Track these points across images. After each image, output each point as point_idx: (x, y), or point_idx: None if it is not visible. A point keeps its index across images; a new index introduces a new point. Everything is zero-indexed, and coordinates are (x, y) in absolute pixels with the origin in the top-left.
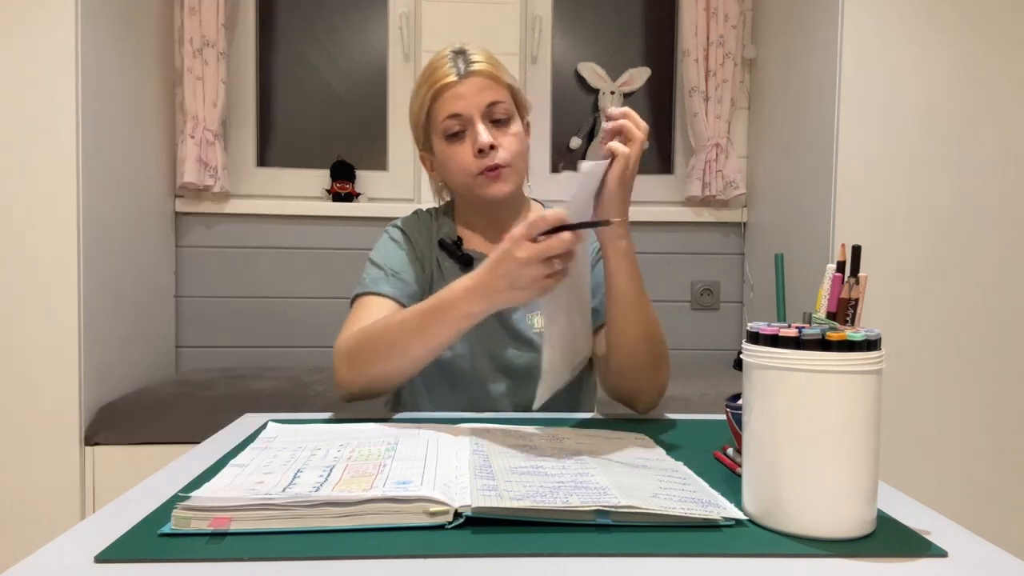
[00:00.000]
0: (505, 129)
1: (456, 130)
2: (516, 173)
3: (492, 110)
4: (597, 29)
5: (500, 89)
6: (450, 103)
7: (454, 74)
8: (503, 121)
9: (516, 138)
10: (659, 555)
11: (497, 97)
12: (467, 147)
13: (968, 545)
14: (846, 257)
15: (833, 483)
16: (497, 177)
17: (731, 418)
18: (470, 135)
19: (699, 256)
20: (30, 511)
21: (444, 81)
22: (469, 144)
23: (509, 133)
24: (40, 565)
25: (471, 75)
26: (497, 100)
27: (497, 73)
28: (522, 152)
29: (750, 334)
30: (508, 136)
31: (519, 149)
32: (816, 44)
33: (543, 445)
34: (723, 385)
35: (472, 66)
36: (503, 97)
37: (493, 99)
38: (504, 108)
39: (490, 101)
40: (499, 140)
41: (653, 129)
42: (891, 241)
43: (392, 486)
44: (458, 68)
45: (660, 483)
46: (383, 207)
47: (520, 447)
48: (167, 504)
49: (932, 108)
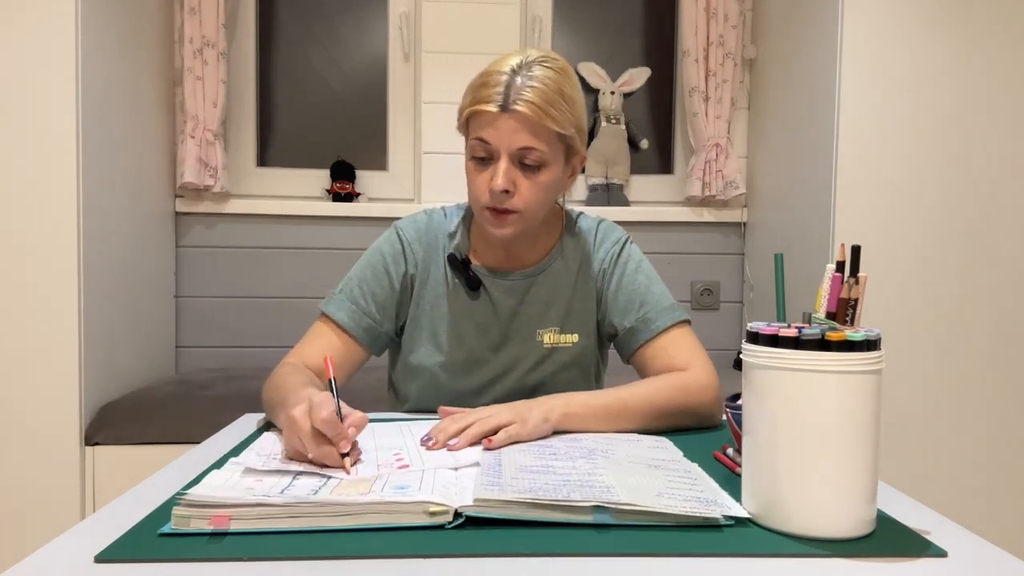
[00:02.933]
0: (532, 175)
1: (482, 156)
2: (526, 220)
3: (523, 154)
4: (597, 29)
5: (539, 136)
6: (483, 129)
7: (497, 104)
8: (532, 167)
9: (539, 188)
10: (659, 555)
11: (532, 144)
12: (486, 176)
13: (968, 545)
14: (846, 257)
15: (833, 483)
16: (503, 221)
17: (731, 418)
18: (492, 167)
19: (699, 256)
20: (30, 511)
21: (484, 108)
22: (489, 174)
23: (535, 180)
24: (40, 565)
25: (513, 113)
26: (531, 147)
27: (541, 119)
28: (542, 200)
29: (750, 334)
30: (531, 183)
31: (539, 197)
32: (816, 44)
33: (558, 445)
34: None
35: (517, 104)
36: (540, 145)
37: (527, 145)
38: (537, 156)
39: (523, 146)
40: (519, 185)
41: (653, 129)
42: (891, 241)
43: (390, 491)
44: (505, 96)
45: (668, 482)
46: (383, 207)
47: (535, 445)
48: (167, 504)
49: (932, 108)
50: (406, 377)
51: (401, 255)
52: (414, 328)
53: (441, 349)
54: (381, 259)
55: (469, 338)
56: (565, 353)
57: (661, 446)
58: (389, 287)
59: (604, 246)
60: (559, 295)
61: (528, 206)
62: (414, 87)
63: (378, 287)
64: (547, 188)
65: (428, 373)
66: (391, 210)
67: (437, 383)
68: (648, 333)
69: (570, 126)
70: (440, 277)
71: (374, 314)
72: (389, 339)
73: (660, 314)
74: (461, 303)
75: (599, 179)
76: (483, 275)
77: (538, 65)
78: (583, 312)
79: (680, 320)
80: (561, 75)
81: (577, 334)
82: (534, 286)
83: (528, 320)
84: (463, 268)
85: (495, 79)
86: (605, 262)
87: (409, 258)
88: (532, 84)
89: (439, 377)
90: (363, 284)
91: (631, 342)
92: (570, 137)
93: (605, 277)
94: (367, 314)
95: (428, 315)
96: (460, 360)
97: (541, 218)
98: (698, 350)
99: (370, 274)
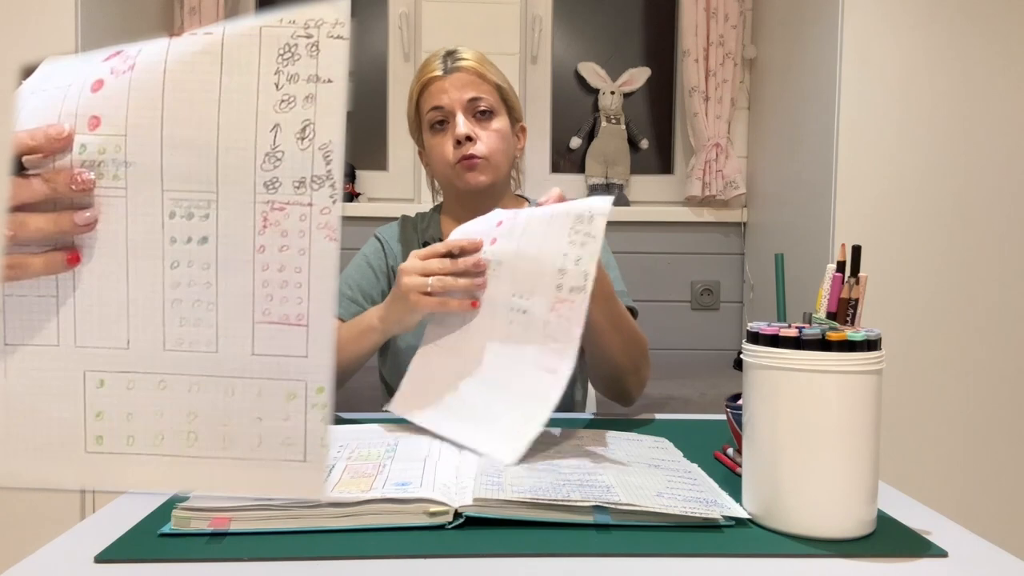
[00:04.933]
0: (487, 124)
1: (439, 120)
2: (493, 167)
3: (474, 104)
4: (597, 29)
5: (485, 85)
6: (435, 96)
7: (440, 70)
8: (486, 115)
9: (497, 133)
10: (659, 555)
11: (480, 92)
12: (448, 138)
13: (968, 545)
14: (846, 257)
15: (833, 483)
16: (472, 167)
17: (731, 418)
18: (451, 127)
19: (699, 256)
20: (30, 511)
21: (430, 75)
22: (451, 135)
23: (490, 128)
24: (40, 565)
25: (456, 71)
26: (478, 96)
27: (482, 70)
28: (502, 148)
29: (750, 334)
30: (488, 130)
31: (498, 144)
32: (816, 44)
33: (559, 443)
34: (723, 385)
35: (458, 63)
36: (487, 93)
37: (475, 94)
38: (487, 103)
39: (472, 96)
40: (478, 133)
41: (653, 129)
42: (891, 241)
43: (391, 487)
44: (445, 64)
45: (668, 482)
46: (383, 207)
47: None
48: (167, 504)
49: (932, 107)
50: (393, 367)
51: (381, 251)
52: None
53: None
54: (363, 257)
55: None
56: None
57: (661, 446)
58: (374, 277)
59: None
60: None
61: (491, 151)
62: None
63: (363, 279)
64: (503, 136)
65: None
66: (391, 210)
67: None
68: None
69: (505, 82)
70: None
71: (362, 301)
72: None
73: None
74: None
75: (599, 179)
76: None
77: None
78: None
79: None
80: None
81: None
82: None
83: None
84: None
85: (432, 59)
86: None
87: (389, 253)
88: (463, 53)
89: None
90: (348, 280)
91: None
92: (506, 91)
93: None
94: (354, 302)
95: None
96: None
97: (505, 170)
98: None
99: (354, 271)
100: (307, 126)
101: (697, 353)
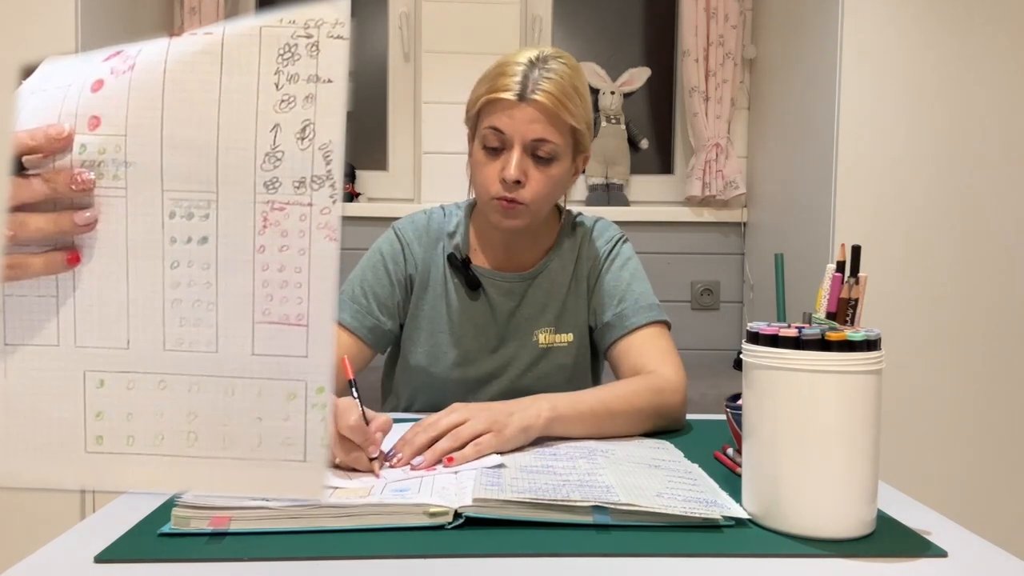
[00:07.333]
0: (544, 168)
1: (495, 145)
2: (533, 213)
3: (537, 145)
4: (597, 29)
5: (555, 128)
6: (498, 118)
7: (515, 93)
8: (544, 160)
9: (549, 180)
10: (659, 555)
11: (547, 136)
12: (497, 166)
13: (968, 545)
14: (846, 257)
15: (833, 483)
16: (510, 211)
17: (731, 418)
18: (504, 158)
19: (699, 256)
20: (30, 511)
21: (501, 96)
22: (500, 164)
23: (546, 173)
24: (40, 565)
25: (531, 102)
26: (545, 139)
27: (558, 111)
28: (550, 193)
29: (750, 334)
30: (542, 175)
31: (547, 190)
32: (816, 44)
33: (559, 444)
34: (723, 385)
35: (535, 94)
36: (555, 138)
37: (541, 136)
38: (550, 149)
39: (537, 137)
40: (530, 176)
41: (653, 129)
42: (891, 241)
43: (390, 493)
44: (523, 87)
45: (668, 483)
46: (383, 207)
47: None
48: (167, 504)
49: (932, 108)
50: (403, 378)
51: (400, 255)
52: (413, 328)
53: (439, 349)
54: (381, 259)
55: (467, 339)
56: (560, 353)
57: (661, 447)
58: (389, 285)
59: (597, 244)
60: (554, 295)
61: (536, 199)
62: (414, 87)
63: (379, 286)
64: (556, 182)
65: (424, 374)
66: (391, 210)
67: (432, 383)
68: (622, 329)
69: (582, 121)
70: (439, 277)
71: (377, 313)
72: (393, 336)
73: (637, 312)
74: (460, 304)
75: (599, 179)
76: (482, 275)
77: (554, 60)
78: (576, 311)
79: (656, 320)
80: (575, 72)
81: (571, 333)
82: (531, 288)
83: (525, 322)
84: (463, 268)
85: (513, 69)
86: (596, 259)
87: (408, 259)
88: (550, 76)
89: (435, 378)
90: (364, 284)
91: (606, 337)
92: (581, 132)
93: (593, 273)
94: (370, 313)
95: (427, 316)
96: (457, 361)
97: (545, 213)
98: (670, 352)
99: (371, 274)
100: (307, 126)
101: (697, 353)
